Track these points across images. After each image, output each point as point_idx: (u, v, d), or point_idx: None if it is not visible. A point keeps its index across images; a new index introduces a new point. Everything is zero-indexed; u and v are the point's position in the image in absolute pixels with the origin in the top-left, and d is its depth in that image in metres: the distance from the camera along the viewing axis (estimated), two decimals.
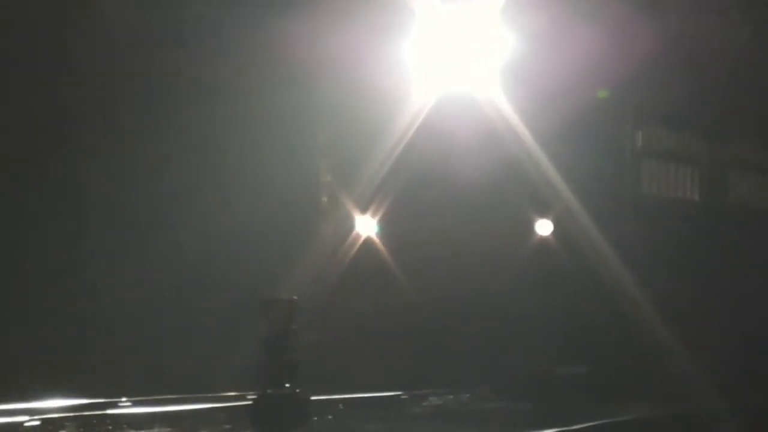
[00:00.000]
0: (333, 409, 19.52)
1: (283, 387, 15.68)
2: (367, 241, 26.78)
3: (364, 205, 26.73)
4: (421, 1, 24.63)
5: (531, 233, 28.26)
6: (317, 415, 17.47)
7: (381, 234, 26.89)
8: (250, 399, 16.16)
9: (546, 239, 28.18)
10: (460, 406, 22.32)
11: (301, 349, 16.24)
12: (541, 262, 27.71)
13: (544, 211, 28.16)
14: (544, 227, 28.23)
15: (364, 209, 26.76)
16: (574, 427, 18.54)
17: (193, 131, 24.60)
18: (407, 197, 26.51)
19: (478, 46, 24.95)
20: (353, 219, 26.75)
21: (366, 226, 26.86)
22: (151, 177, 24.35)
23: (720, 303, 28.19)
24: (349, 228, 26.70)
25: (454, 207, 26.55)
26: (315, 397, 16.63)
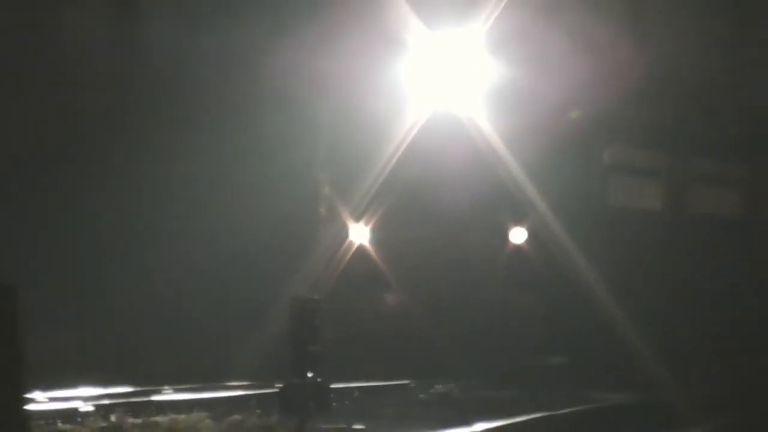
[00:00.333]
0: (350, 396, 20.35)
1: (306, 376, 15.82)
2: (360, 248, 27.52)
3: (359, 215, 27.43)
4: (413, 29, 25.83)
5: (511, 242, 28.85)
6: (336, 401, 17.78)
7: (373, 242, 27.58)
8: (277, 387, 16.23)
9: (524, 247, 28.77)
10: (461, 394, 23.05)
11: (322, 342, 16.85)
12: (520, 268, 28.35)
13: (522, 221, 28.73)
14: (522, 236, 28.86)
15: (358, 219, 27.49)
16: (559, 412, 19.25)
17: (202, 149, 25.71)
18: (398, 208, 27.31)
19: (463, 70, 26.29)
20: (348, 228, 27.48)
21: (360, 234, 27.52)
22: (162, 194, 25.50)
23: (681, 301, 28.92)
24: (344, 236, 27.42)
25: (441, 217, 27.37)
26: (334, 386, 16.86)
